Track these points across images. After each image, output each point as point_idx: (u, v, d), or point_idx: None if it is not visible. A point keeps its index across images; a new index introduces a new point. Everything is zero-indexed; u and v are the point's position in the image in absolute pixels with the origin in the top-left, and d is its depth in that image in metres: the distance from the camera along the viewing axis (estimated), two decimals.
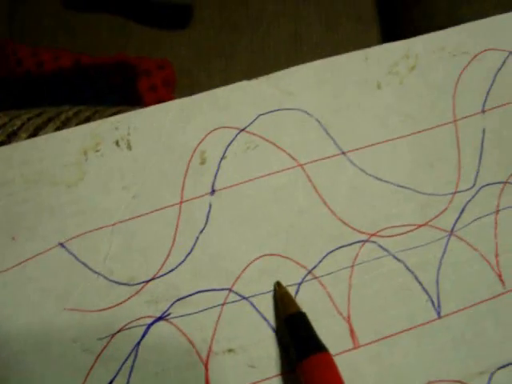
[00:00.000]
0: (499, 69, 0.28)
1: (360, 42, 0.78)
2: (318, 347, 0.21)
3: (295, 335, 0.22)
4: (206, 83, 0.73)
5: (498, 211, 0.26)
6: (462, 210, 0.25)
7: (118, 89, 0.72)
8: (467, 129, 0.26)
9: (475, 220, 0.25)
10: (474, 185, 0.26)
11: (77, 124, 0.34)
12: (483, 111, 0.27)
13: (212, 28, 0.78)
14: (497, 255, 0.25)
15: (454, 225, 0.25)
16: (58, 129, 0.33)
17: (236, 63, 0.76)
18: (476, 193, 0.26)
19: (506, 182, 0.26)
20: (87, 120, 0.34)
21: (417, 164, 0.26)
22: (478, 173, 0.26)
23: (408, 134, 0.26)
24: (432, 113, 0.26)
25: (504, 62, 0.28)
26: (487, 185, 0.26)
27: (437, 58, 0.27)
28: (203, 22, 0.78)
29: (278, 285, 0.23)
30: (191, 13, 0.78)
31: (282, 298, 0.23)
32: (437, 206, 0.25)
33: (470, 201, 0.25)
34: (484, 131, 0.27)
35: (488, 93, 0.27)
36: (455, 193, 0.25)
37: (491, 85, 0.27)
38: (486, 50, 0.28)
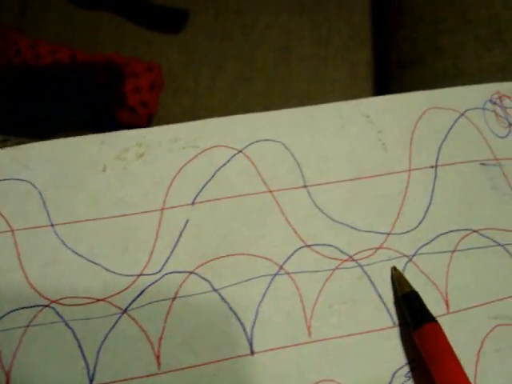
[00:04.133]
0: (222, 165, 0.30)
1: (349, 60, 0.79)
2: (429, 318, 0.27)
3: (411, 308, 0.28)
4: (192, 89, 0.76)
5: (174, 298, 0.28)
6: (141, 292, 0.28)
7: (104, 88, 0.77)
8: (170, 219, 0.29)
9: (151, 303, 0.28)
10: (160, 270, 0.29)
11: None
12: (193, 203, 0.29)
13: (204, 35, 0.81)
14: (161, 338, 0.28)
15: (129, 304, 0.28)
16: None
17: (223, 72, 0.78)
18: (160, 278, 0.29)
19: (191, 272, 0.29)
20: None
21: (113, 246, 0.29)
22: (167, 260, 0.29)
23: (116, 216, 0.29)
24: (143, 200, 0.29)
25: (229, 160, 0.30)
26: (173, 272, 0.29)
27: (166, 149, 0.30)
28: (197, 28, 0.81)
29: (394, 269, 0.29)
30: (187, 18, 0.81)
31: (398, 280, 0.29)
32: (119, 285, 0.28)
33: (151, 285, 0.29)
34: (187, 222, 0.29)
35: (203, 187, 0.30)
36: (139, 275, 0.29)
37: (209, 180, 0.30)
38: (215, 146, 0.30)
